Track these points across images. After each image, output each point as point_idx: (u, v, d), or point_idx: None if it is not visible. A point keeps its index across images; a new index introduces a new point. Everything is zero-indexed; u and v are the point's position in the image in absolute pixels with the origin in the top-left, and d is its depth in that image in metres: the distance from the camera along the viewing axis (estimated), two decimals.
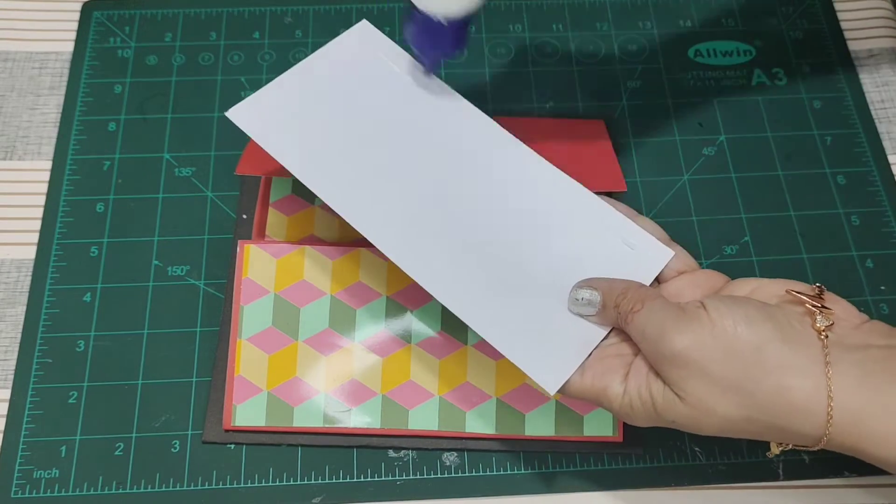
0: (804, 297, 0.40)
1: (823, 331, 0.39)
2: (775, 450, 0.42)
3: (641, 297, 0.41)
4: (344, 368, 0.49)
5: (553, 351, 0.42)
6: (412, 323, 0.50)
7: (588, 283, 0.43)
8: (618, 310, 0.41)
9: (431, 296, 0.49)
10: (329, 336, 0.49)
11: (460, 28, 0.46)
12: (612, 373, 0.41)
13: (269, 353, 0.49)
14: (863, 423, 0.37)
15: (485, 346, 0.49)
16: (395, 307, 0.50)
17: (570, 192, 0.47)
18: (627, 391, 0.40)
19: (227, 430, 0.48)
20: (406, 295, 0.50)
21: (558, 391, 0.42)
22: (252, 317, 0.49)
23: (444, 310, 0.50)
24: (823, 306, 0.40)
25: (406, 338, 0.49)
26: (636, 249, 0.45)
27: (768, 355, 0.38)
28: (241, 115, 0.47)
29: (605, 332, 0.43)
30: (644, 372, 0.40)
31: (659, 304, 0.40)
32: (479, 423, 0.48)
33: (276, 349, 0.49)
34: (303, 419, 0.48)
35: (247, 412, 0.48)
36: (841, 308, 0.41)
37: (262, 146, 0.46)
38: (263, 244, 0.50)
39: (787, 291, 0.41)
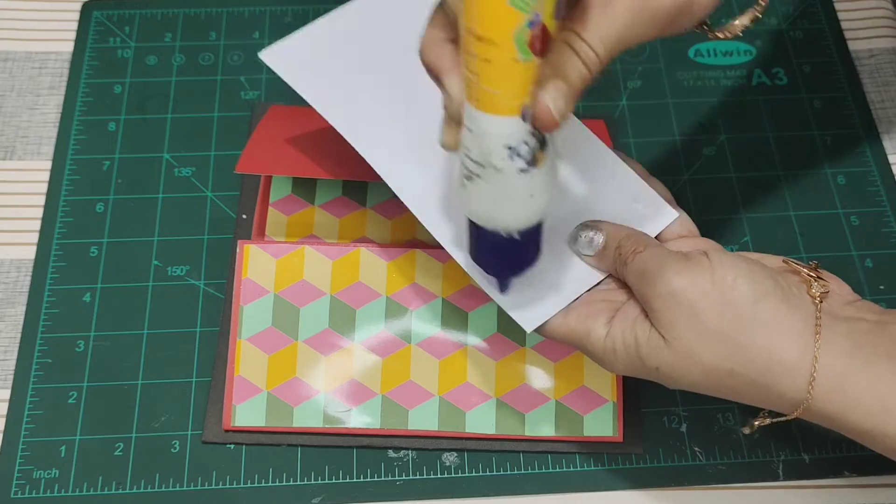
0: (801, 267, 0.41)
1: (818, 297, 0.39)
2: (752, 428, 0.42)
3: (645, 242, 0.41)
4: (344, 368, 0.49)
5: (538, 292, 0.42)
6: (412, 323, 0.49)
7: (593, 224, 0.44)
8: (619, 251, 0.42)
9: (432, 296, 0.50)
10: (329, 336, 0.49)
11: (533, 238, 0.39)
12: (597, 316, 0.41)
13: (268, 354, 0.49)
14: (845, 391, 0.37)
15: (485, 347, 0.49)
16: (395, 307, 0.50)
17: (585, 141, 0.46)
18: (611, 333, 0.40)
19: (226, 431, 0.48)
20: (406, 295, 0.50)
21: (537, 331, 0.42)
22: (252, 317, 0.49)
23: (444, 309, 0.50)
24: (819, 277, 0.40)
25: (406, 338, 0.49)
26: (642, 206, 0.45)
27: (764, 310, 0.38)
28: (275, 57, 0.46)
29: (597, 280, 0.43)
30: (632, 317, 0.40)
31: (662, 248, 0.41)
32: (479, 423, 0.48)
33: (275, 349, 0.49)
34: (303, 419, 0.48)
35: (246, 412, 0.48)
36: (836, 284, 0.41)
37: (296, 89, 0.46)
38: (263, 244, 0.50)
39: (784, 261, 0.42)
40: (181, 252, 0.53)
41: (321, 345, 0.49)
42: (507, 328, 0.49)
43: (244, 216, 0.54)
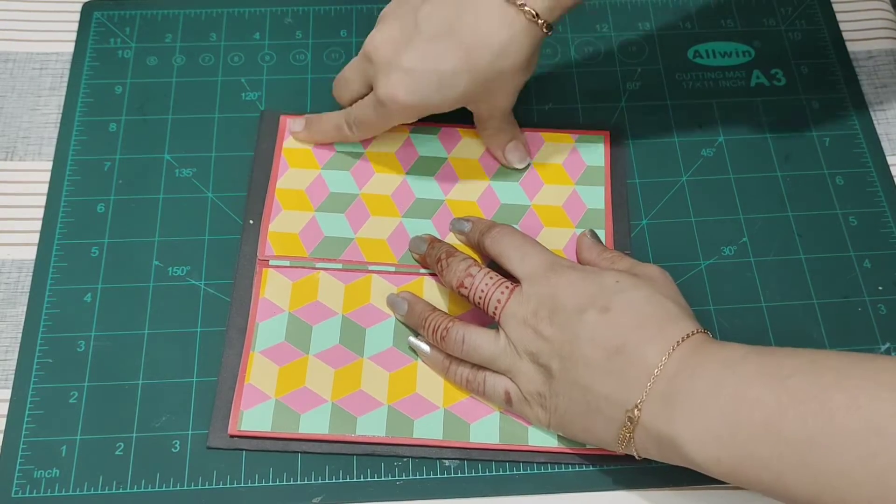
0: None
1: None
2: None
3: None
4: (352, 380, 0.49)
5: None
6: (420, 342, 0.50)
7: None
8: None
9: None
10: (339, 352, 0.50)
11: None
12: None
13: (279, 365, 0.49)
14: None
15: None
16: (403, 329, 0.51)
17: None
18: None
19: (232, 436, 0.48)
20: None
21: None
22: (266, 332, 0.50)
23: None
24: None
25: (413, 355, 0.50)
26: None
27: None
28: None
29: None
30: None
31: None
32: (483, 433, 0.48)
33: (286, 361, 0.50)
34: (309, 426, 0.48)
35: (253, 418, 0.48)
36: None
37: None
38: (280, 269, 0.52)
39: None
40: (182, 252, 0.53)
41: (331, 359, 0.50)
42: None
43: (251, 221, 0.54)
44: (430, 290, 0.52)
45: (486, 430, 0.48)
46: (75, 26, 0.62)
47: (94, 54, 0.61)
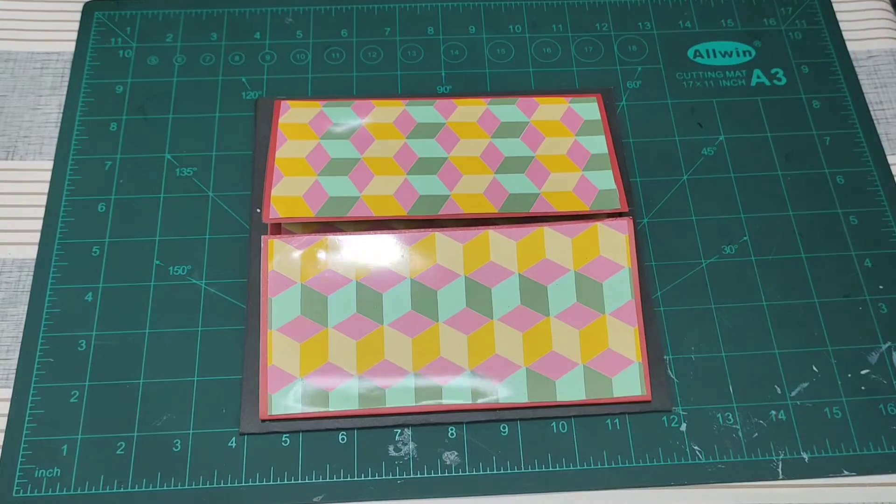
0: None
1: None
2: None
3: None
4: (375, 350, 0.49)
5: None
6: (438, 302, 0.50)
7: None
8: None
9: (455, 275, 0.51)
10: (358, 321, 0.50)
11: None
12: None
13: (300, 342, 0.49)
14: None
15: (511, 319, 0.50)
16: (420, 288, 0.51)
17: None
18: None
19: (263, 421, 0.48)
20: (430, 276, 0.51)
21: None
22: (281, 308, 0.50)
23: (468, 287, 0.51)
24: None
25: (433, 316, 0.50)
26: None
27: None
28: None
29: None
30: None
31: None
32: (512, 392, 0.48)
33: (306, 337, 0.50)
34: (338, 403, 0.48)
35: (283, 401, 0.48)
36: None
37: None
38: (285, 238, 0.52)
39: None
40: (183, 252, 0.54)
41: (351, 329, 0.50)
42: (531, 301, 0.50)
43: (258, 210, 0.54)
44: (442, 246, 0.52)
45: (514, 388, 0.48)
46: (76, 26, 0.62)
47: (95, 54, 0.61)
